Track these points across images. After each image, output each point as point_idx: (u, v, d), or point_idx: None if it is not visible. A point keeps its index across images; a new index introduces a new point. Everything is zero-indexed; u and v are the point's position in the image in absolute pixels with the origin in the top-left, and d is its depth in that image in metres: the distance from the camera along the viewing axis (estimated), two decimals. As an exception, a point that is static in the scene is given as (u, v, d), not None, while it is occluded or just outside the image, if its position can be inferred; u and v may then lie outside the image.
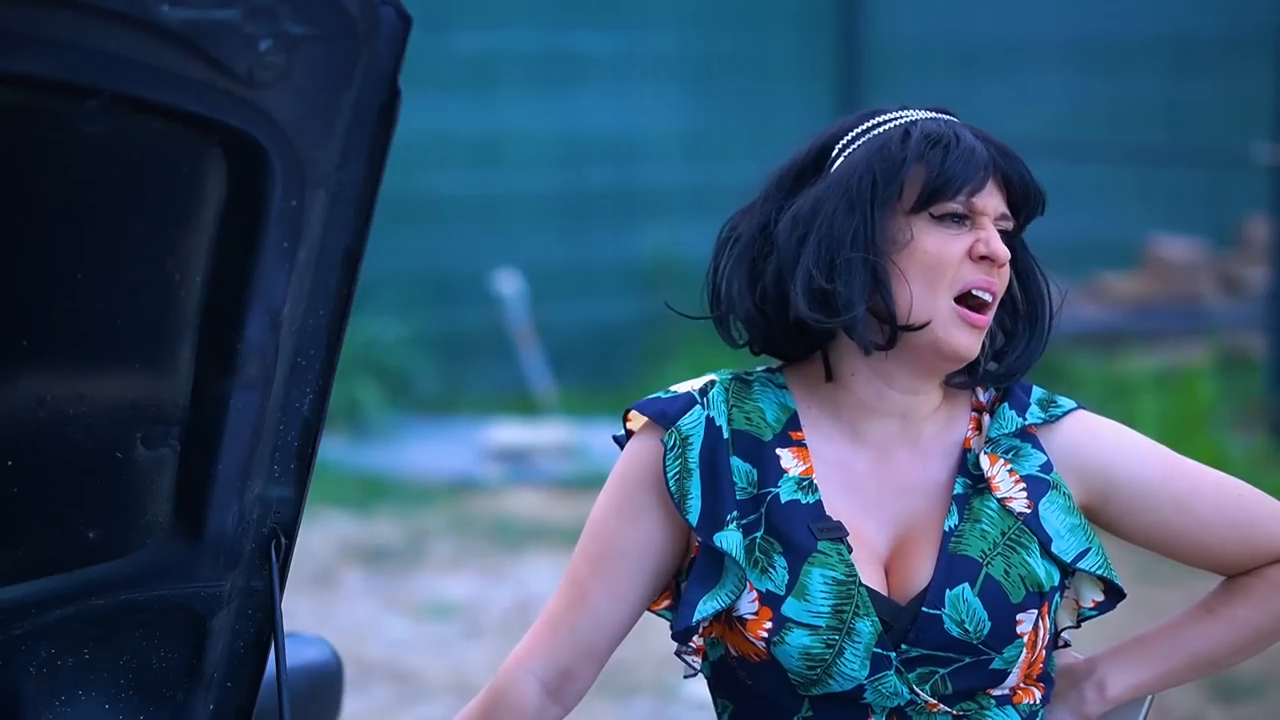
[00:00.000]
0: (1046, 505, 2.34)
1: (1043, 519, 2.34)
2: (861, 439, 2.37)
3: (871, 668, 2.29)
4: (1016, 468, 2.36)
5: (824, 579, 2.30)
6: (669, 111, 10.83)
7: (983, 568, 2.30)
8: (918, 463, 2.37)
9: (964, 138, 2.31)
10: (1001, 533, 2.32)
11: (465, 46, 10.31)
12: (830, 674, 2.29)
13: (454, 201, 10.43)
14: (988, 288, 2.31)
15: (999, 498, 2.34)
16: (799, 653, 2.29)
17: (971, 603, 2.29)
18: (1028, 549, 2.32)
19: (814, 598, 2.29)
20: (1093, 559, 2.35)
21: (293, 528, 2.29)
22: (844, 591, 2.30)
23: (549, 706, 2.41)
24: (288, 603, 2.35)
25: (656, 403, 2.39)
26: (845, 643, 2.29)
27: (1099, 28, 11.58)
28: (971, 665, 2.31)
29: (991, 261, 2.30)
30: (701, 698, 5.69)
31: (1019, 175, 2.34)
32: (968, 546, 2.32)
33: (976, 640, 2.29)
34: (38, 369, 2.09)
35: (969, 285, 2.31)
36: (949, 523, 2.33)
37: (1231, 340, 10.36)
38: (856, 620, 2.29)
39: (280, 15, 1.90)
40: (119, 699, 2.33)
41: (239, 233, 2.05)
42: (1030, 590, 2.31)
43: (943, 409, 2.39)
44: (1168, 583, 7.06)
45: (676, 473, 2.35)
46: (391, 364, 9.90)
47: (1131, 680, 2.42)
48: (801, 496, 2.34)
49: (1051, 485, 2.35)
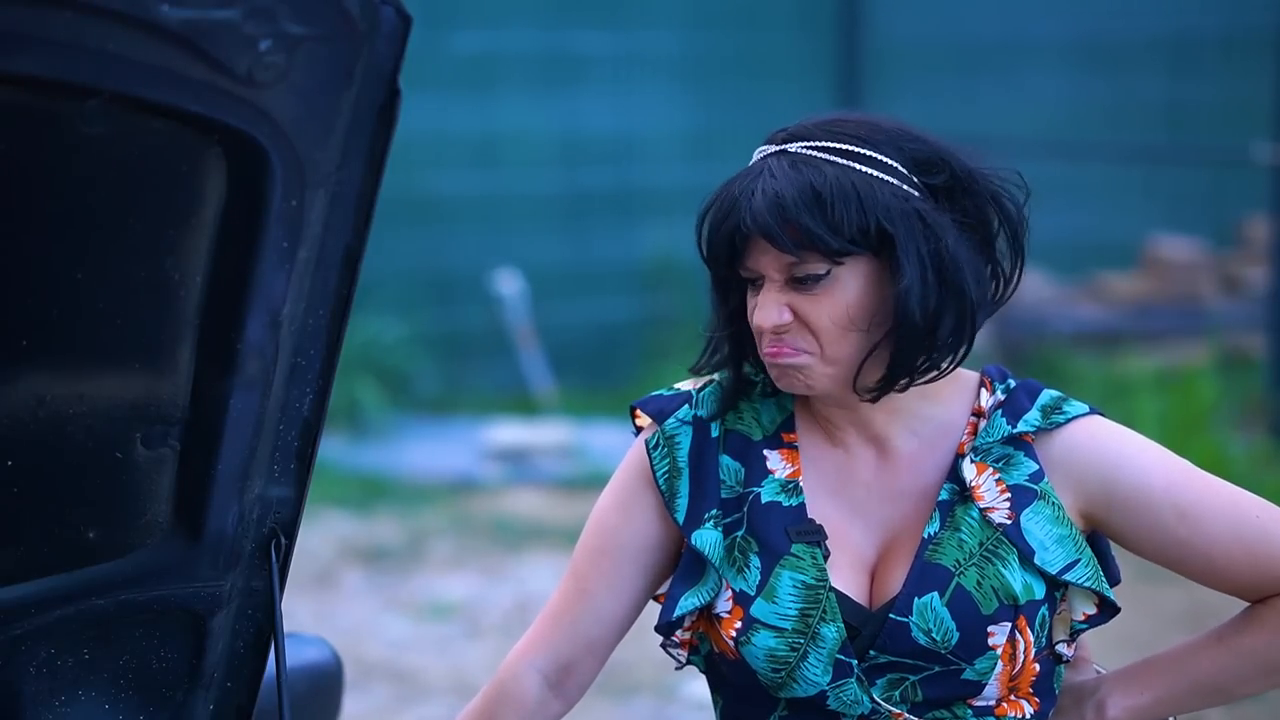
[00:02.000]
0: (1030, 516, 2.32)
1: (1025, 530, 2.31)
2: (845, 446, 2.38)
3: (834, 674, 2.30)
4: (1004, 476, 2.33)
5: (793, 582, 2.31)
6: (669, 111, 10.83)
7: (954, 577, 2.29)
8: (911, 469, 2.36)
9: (727, 202, 2.29)
10: (980, 543, 2.31)
11: (465, 46, 10.31)
12: (794, 678, 2.30)
13: (454, 201, 10.43)
14: (771, 357, 2.30)
15: (981, 507, 2.32)
16: (764, 654, 2.30)
17: (939, 612, 2.28)
18: (1004, 560, 2.30)
19: (781, 600, 2.30)
20: (1081, 570, 2.32)
21: (293, 528, 2.29)
22: (812, 596, 2.30)
23: (551, 700, 2.43)
24: (288, 603, 2.35)
25: (656, 400, 2.43)
26: (809, 647, 2.29)
27: (1099, 28, 11.58)
28: (941, 674, 2.30)
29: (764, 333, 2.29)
30: (701, 698, 5.69)
31: (769, 230, 2.25)
32: (943, 555, 2.31)
33: (944, 650, 2.28)
34: (38, 369, 2.09)
35: (764, 352, 2.32)
36: (929, 529, 2.32)
37: (1231, 340, 10.36)
38: (822, 625, 2.29)
39: (280, 15, 1.90)
40: (119, 699, 2.33)
41: (239, 233, 2.05)
42: (1004, 602, 2.29)
43: (944, 410, 2.38)
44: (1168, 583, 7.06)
45: (666, 471, 2.37)
46: (391, 364, 9.90)
47: (1131, 703, 2.39)
48: (784, 499, 2.35)
49: (1039, 495, 2.33)
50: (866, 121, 2.33)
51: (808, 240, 2.25)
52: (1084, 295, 10.85)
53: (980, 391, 2.39)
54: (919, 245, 2.26)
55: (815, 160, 2.28)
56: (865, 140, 2.30)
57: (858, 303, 2.28)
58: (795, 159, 2.29)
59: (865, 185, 2.27)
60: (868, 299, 2.28)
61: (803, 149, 2.30)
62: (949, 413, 2.38)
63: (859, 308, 2.28)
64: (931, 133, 2.35)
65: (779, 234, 2.25)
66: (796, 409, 2.40)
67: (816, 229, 2.24)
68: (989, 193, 2.33)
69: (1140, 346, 10.25)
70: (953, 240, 2.28)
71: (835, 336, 2.28)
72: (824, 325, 2.28)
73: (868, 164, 2.28)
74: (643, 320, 10.66)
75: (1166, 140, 11.72)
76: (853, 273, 2.28)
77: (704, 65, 10.91)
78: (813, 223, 2.24)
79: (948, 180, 2.31)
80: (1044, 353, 9.34)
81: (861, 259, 2.27)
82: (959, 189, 2.32)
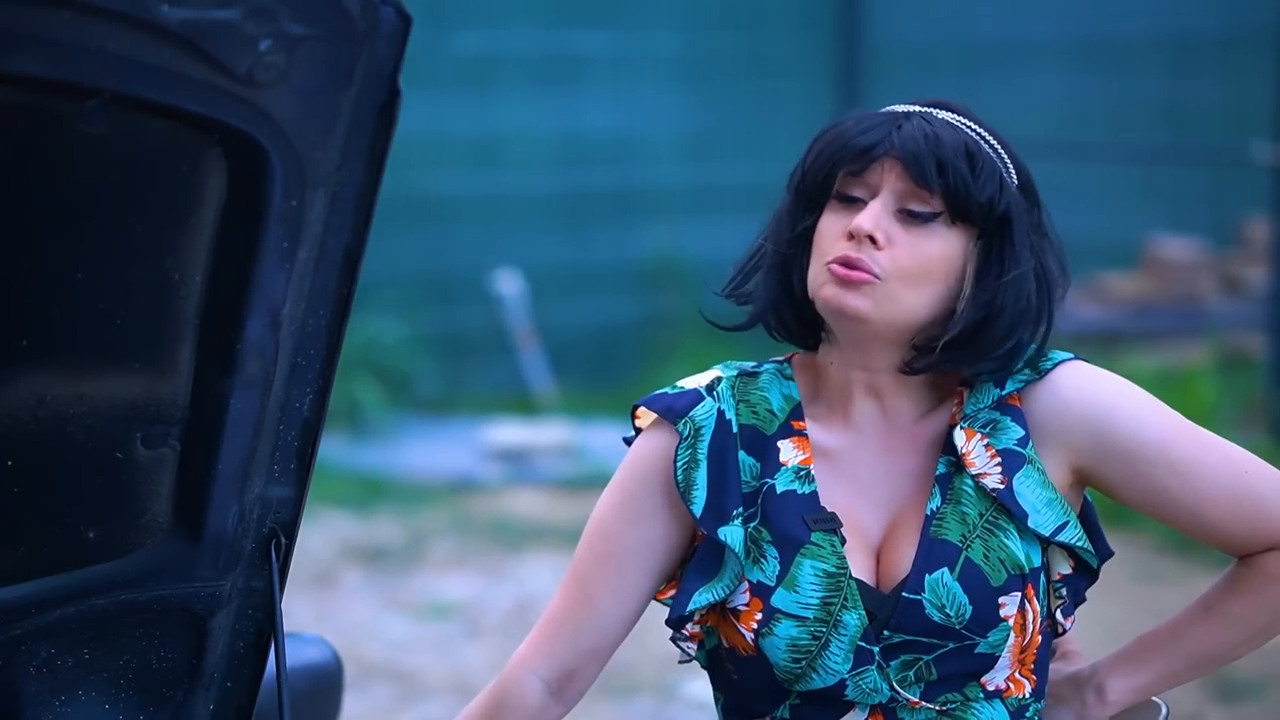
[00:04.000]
0: (1021, 480, 2.32)
1: (1017, 494, 2.32)
2: (853, 425, 2.38)
3: (854, 662, 2.30)
4: (993, 441, 2.34)
5: (815, 571, 2.31)
6: (669, 111, 10.83)
7: (962, 551, 2.30)
8: (909, 447, 2.37)
9: (868, 121, 2.34)
10: (980, 514, 2.32)
11: (465, 46, 10.31)
12: (814, 668, 2.30)
13: (454, 201, 10.43)
14: (843, 261, 2.30)
15: (973, 474, 2.32)
16: (786, 644, 2.30)
17: (951, 587, 2.29)
18: (1006, 530, 2.31)
19: (803, 589, 2.30)
20: (1071, 532, 2.33)
21: (293, 528, 2.29)
22: (834, 584, 2.30)
23: (551, 706, 2.43)
24: (288, 603, 2.35)
25: (663, 398, 2.41)
26: (831, 635, 2.30)
27: (1099, 28, 11.58)
28: (955, 650, 2.30)
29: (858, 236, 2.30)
30: (701, 697, 5.69)
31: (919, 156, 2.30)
32: (948, 530, 2.31)
33: (959, 625, 2.29)
34: (38, 369, 2.09)
35: (836, 257, 2.31)
36: (931, 505, 2.33)
37: (1231, 340, 10.36)
38: (844, 613, 2.30)
39: (280, 15, 1.90)
40: (119, 699, 2.33)
41: (239, 233, 2.05)
42: (1011, 573, 2.30)
43: (931, 389, 2.38)
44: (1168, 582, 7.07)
45: (685, 462, 2.36)
46: (391, 364, 9.90)
47: (1130, 684, 2.41)
48: (798, 487, 2.35)
49: (1026, 460, 2.33)
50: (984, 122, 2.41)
51: (951, 182, 2.30)
52: (1084, 295, 10.86)
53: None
54: (1023, 245, 2.33)
55: (967, 130, 2.35)
56: (996, 137, 2.37)
57: (945, 262, 2.31)
58: (946, 122, 2.35)
59: (1001, 171, 2.34)
60: (954, 268, 2.32)
61: (952, 118, 2.36)
62: (942, 389, 2.39)
63: (944, 266, 2.31)
64: None
65: (925, 163, 2.30)
66: (803, 396, 2.40)
67: (964, 174, 2.30)
68: (1050, 229, 2.39)
69: (1140, 346, 10.25)
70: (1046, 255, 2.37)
71: (906, 270, 2.30)
72: (903, 255, 2.30)
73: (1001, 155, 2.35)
74: (643, 320, 10.66)
75: (1166, 140, 11.73)
76: (956, 237, 2.32)
77: (704, 65, 10.91)
78: (961, 169, 2.30)
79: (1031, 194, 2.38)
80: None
81: (970, 232, 2.33)
82: (1035, 203, 2.38)
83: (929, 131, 2.32)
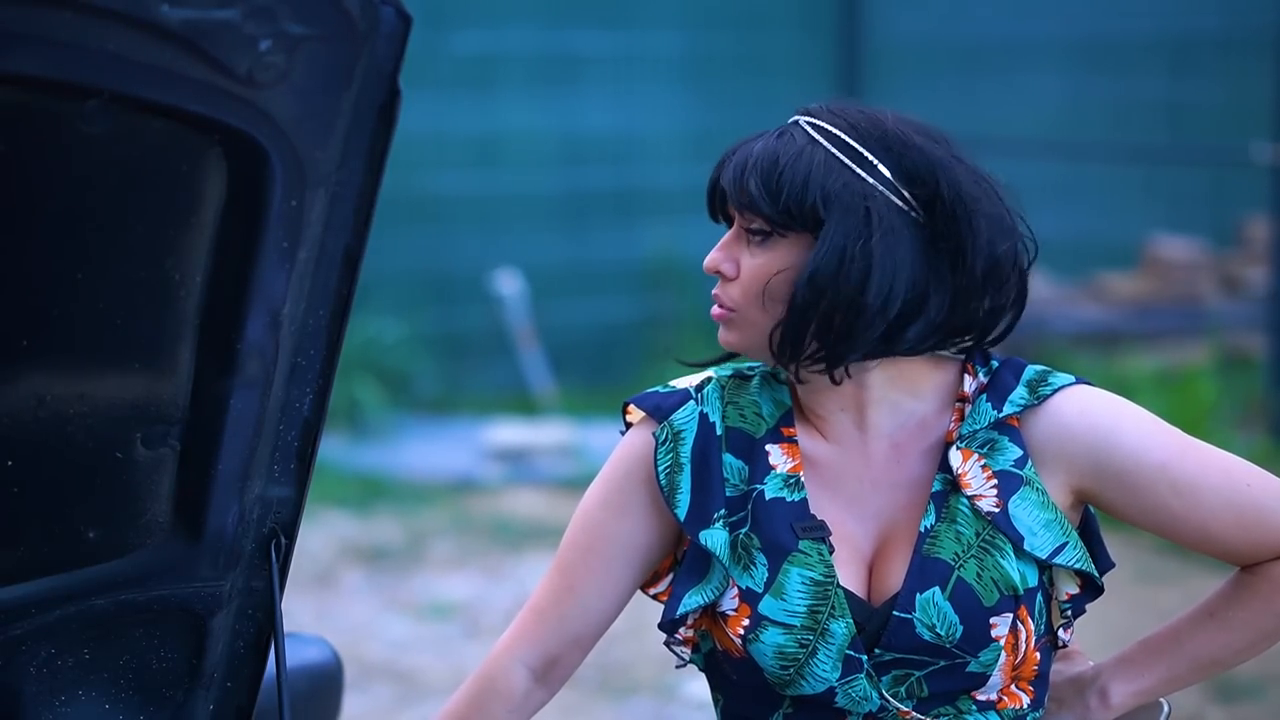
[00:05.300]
0: (1017, 502, 2.32)
1: (1013, 517, 2.31)
2: (833, 436, 2.38)
3: (843, 670, 2.30)
4: (990, 462, 2.34)
5: (802, 579, 2.31)
6: (669, 111, 10.83)
7: (954, 571, 2.30)
8: (899, 457, 2.37)
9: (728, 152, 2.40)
10: (975, 533, 2.31)
11: (465, 46, 10.31)
12: (803, 674, 2.31)
13: (454, 201, 10.43)
14: (713, 298, 2.40)
15: (969, 495, 2.32)
16: (773, 651, 2.31)
17: (942, 607, 2.29)
18: (1001, 551, 2.31)
19: (790, 597, 2.31)
20: (1070, 553, 2.33)
21: (293, 528, 2.29)
22: (821, 592, 2.31)
23: (535, 691, 2.46)
24: (288, 603, 2.35)
25: (653, 397, 2.43)
26: (819, 643, 2.30)
27: (1099, 28, 11.58)
28: (946, 668, 2.31)
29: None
30: (701, 697, 5.69)
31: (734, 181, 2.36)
32: (941, 549, 2.31)
33: (949, 644, 2.29)
34: (38, 369, 2.09)
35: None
36: (925, 522, 2.33)
37: (1231, 340, 10.36)
38: (831, 621, 2.30)
39: (280, 15, 1.90)
40: (119, 699, 2.33)
41: (239, 233, 2.05)
42: (1004, 594, 2.30)
43: (913, 397, 2.38)
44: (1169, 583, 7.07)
45: (667, 467, 2.38)
46: (391, 364, 9.90)
47: (1133, 687, 2.41)
48: (787, 494, 2.36)
49: (1024, 481, 2.33)
50: (873, 117, 2.35)
51: (747, 200, 2.33)
52: (1084, 295, 10.86)
53: (963, 377, 2.38)
54: (848, 238, 2.29)
55: (800, 135, 2.34)
56: (857, 131, 2.33)
57: (782, 275, 2.32)
58: (787, 129, 2.37)
59: (824, 168, 2.32)
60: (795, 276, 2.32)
61: (805, 122, 2.36)
62: (933, 400, 2.38)
63: (781, 279, 2.33)
64: (954, 146, 2.35)
65: (732, 188, 2.36)
66: (794, 402, 2.40)
67: (755, 191, 2.33)
68: (968, 218, 2.31)
69: (1140, 346, 10.25)
70: (891, 244, 2.29)
71: (750, 295, 2.34)
72: (745, 281, 2.35)
73: (844, 151, 2.32)
74: (643, 320, 10.66)
75: (1167, 140, 11.72)
76: (793, 247, 2.32)
77: (704, 65, 10.91)
78: (755, 186, 2.33)
79: (931, 195, 2.31)
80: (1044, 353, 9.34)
81: (804, 237, 2.32)
82: (941, 208, 2.31)
83: (748, 151, 2.36)
